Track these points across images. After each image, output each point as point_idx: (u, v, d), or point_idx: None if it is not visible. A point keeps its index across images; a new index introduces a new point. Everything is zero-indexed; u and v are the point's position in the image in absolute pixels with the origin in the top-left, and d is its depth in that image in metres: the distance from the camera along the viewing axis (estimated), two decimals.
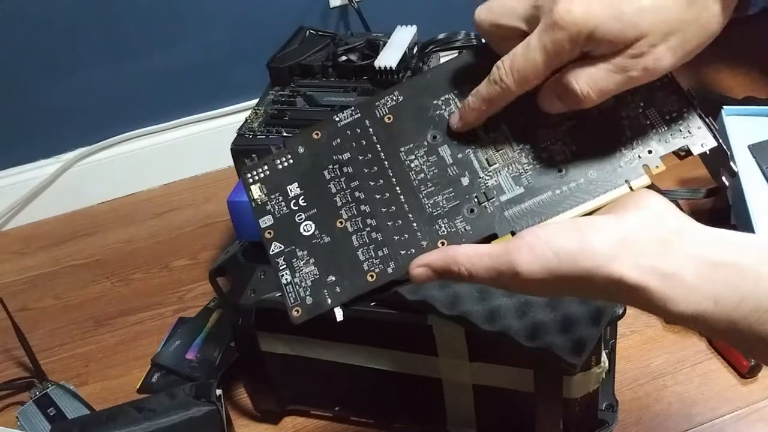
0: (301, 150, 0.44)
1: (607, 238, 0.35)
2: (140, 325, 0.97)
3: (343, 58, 0.91)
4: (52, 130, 1.15)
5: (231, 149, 0.83)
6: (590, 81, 0.37)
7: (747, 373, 0.80)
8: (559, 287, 0.36)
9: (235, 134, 0.84)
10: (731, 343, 0.37)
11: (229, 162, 0.83)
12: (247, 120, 0.86)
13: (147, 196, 1.22)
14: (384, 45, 0.90)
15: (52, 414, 0.82)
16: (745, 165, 0.88)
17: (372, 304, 0.67)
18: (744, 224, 0.84)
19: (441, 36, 0.92)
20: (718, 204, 0.95)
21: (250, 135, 0.83)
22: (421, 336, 0.67)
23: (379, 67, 0.86)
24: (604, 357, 0.65)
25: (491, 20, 0.40)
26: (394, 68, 0.86)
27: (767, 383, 0.80)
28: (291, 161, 0.44)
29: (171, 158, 1.22)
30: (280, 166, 0.44)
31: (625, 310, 0.64)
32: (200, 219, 1.15)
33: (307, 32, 0.98)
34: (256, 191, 0.43)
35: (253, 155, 0.45)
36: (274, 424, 0.82)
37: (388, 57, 0.87)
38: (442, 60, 1.01)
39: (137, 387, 0.88)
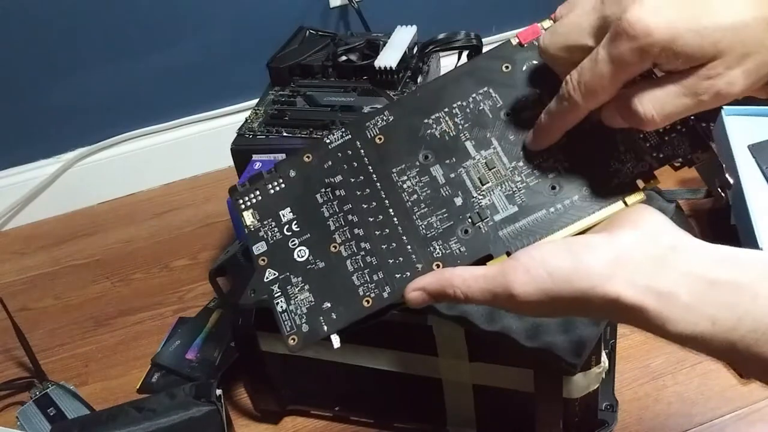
0: (292, 174, 0.44)
1: (602, 258, 0.35)
2: (140, 325, 0.97)
3: (343, 58, 0.91)
4: (52, 130, 1.15)
5: (231, 149, 0.83)
6: (656, 104, 0.34)
7: None
8: (556, 308, 0.36)
9: (235, 134, 0.84)
10: (729, 364, 0.36)
11: (229, 162, 0.83)
12: (247, 120, 0.86)
13: (147, 196, 1.22)
14: (384, 45, 0.90)
15: (52, 414, 0.82)
16: (745, 165, 0.88)
17: None
18: (744, 224, 0.84)
19: (441, 36, 0.92)
20: (718, 204, 0.95)
21: (250, 135, 0.83)
22: (421, 336, 0.67)
23: (379, 67, 0.86)
24: (604, 357, 0.65)
25: (557, 44, 0.37)
26: (394, 68, 0.86)
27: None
28: (283, 185, 0.44)
29: (171, 158, 1.22)
30: (272, 191, 0.44)
31: None
32: (200, 219, 1.15)
33: (307, 32, 0.99)
34: (248, 218, 0.43)
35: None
36: (274, 424, 0.82)
37: (388, 57, 0.87)
38: (442, 60, 1.01)
39: (137, 387, 0.88)
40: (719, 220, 0.91)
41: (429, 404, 0.73)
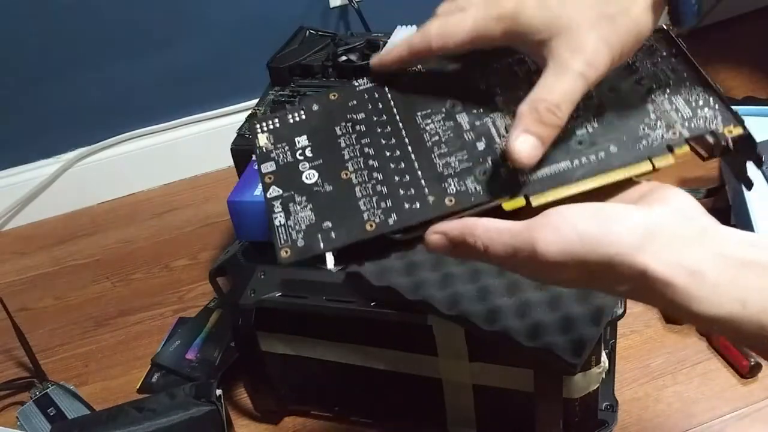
0: (315, 108, 0.43)
1: (634, 227, 0.34)
2: (140, 325, 0.97)
3: (343, 58, 0.91)
4: (52, 130, 1.15)
5: (231, 149, 0.83)
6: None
7: (747, 373, 0.80)
8: (577, 274, 0.34)
9: (235, 134, 0.84)
10: (760, 352, 0.35)
11: (229, 162, 0.83)
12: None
13: (147, 196, 1.22)
14: (384, 45, 0.90)
15: (52, 414, 0.82)
16: None
17: (372, 304, 0.68)
18: (744, 224, 0.84)
19: None
20: (718, 204, 0.95)
21: (250, 135, 0.83)
22: (421, 336, 0.67)
23: None
24: (604, 357, 0.65)
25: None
26: None
27: (767, 383, 0.80)
28: (303, 117, 0.43)
29: (171, 158, 1.22)
30: (291, 121, 0.43)
31: (624, 310, 0.63)
32: (200, 219, 1.15)
33: (307, 32, 0.98)
34: (262, 139, 0.42)
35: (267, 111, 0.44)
36: (274, 424, 0.82)
37: None
38: None
39: (137, 387, 0.88)
40: (719, 220, 0.91)
41: (429, 404, 0.73)
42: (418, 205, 0.38)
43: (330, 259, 0.38)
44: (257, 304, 0.71)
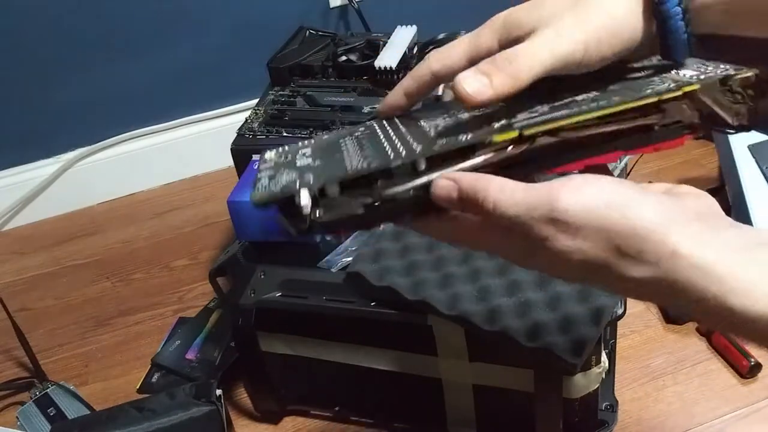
0: (325, 137, 0.44)
1: (663, 205, 0.31)
2: (140, 325, 0.97)
3: (343, 58, 0.91)
4: (52, 130, 1.15)
5: (231, 149, 0.83)
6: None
7: (747, 373, 0.80)
8: (593, 243, 0.31)
9: (235, 134, 0.84)
10: None
11: (229, 162, 0.83)
12: (247, 120, 0.86)
13: (147, 196, 1.22)
14: (384, 45, 0.90)
15: (52, 414, 0.82)
16: (745, 165, 0.88)
17: (372, 304, 0.68)
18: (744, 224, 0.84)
19: (441, 36, 0.92)
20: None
21: (250, 135, 0.83)
22: (421, 336, 0.67)
23: (379, 67, 0.86)
24: (604, 357, 0.65)
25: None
26: (394, 68, 0.86)
27: (767, 383, 0.80)
28: (312, 141, 0.44)
29: (171, 158, 1.22)
30: (300, 144, 0.44)
31: (624, 310, 0.63)
32: (200, 219, 1.15)
33: (307, 32, 0.98)
34: (269, 155, 0.43)
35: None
36: (274, 424, 0.82)
37: (388, 57, 0.87)
38: None
39: (137, 387, 0.88)
40: None
41: (429, 404, 0.73)
42: (404, 154, 0.36)
43: (305, 195, 0.34)
44: (257, 304, 0.71)
